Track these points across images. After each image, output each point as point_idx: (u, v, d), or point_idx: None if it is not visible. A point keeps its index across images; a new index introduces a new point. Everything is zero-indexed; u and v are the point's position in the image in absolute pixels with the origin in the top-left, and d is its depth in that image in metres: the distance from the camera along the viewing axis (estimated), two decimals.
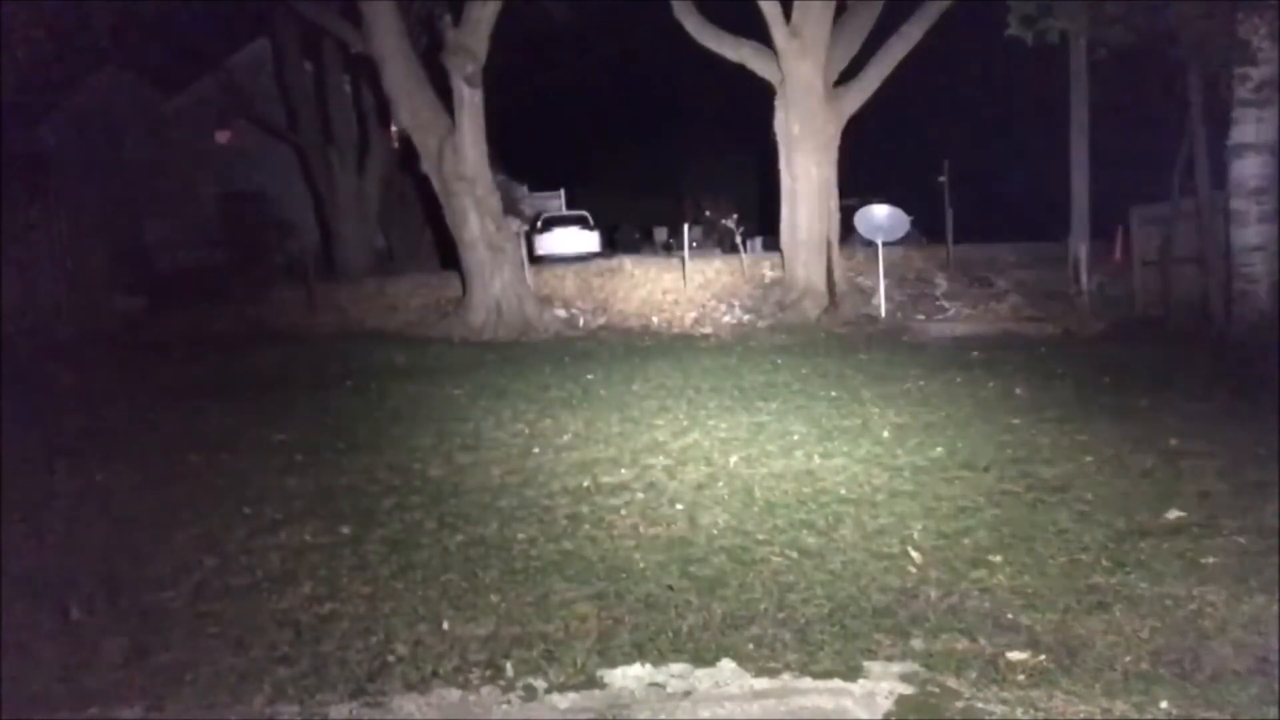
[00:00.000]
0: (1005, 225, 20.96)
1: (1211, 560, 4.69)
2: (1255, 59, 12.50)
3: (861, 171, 19.44)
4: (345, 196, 23.71)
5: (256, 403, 9.31)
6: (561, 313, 16.69)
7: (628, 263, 20.42)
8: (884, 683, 3.61)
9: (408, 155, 19.35)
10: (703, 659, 3.83)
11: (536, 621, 4.21)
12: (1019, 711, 3.38)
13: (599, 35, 25.94)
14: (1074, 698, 3.47)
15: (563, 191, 33.77)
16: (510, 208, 18.64)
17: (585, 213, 26.97)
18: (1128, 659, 3.75)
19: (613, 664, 3.81)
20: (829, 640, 3.95)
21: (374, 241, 25.12)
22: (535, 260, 20.44)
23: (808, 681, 3.64)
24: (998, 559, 4.79)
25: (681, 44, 18.87)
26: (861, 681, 3.63)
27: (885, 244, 17.09)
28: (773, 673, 3.71)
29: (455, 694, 3.63)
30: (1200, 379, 9.47)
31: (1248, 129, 12.73)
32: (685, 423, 8.03)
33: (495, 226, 15.75)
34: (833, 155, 17.84)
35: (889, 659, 3.79)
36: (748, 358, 12.10)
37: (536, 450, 7.29)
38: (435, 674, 3.77)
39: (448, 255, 18.80)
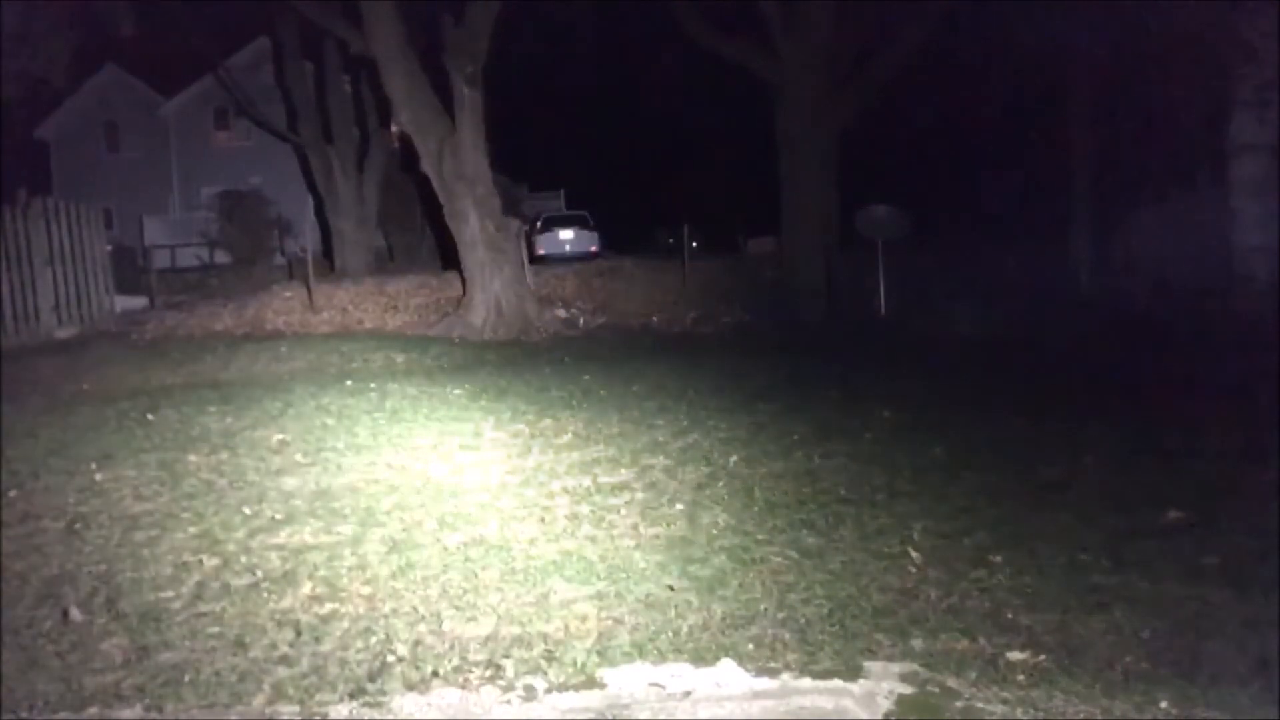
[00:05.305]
0: (1006, 225, 20.97)
1: (1211, 560, 4.68)
2: (1256, 59, 12.51)
3: (862, 171, 19.44)
4: (345, 196, 23.71)
5: (257, 403, 9.30)
6: (561, 313, 16.69)
7: (628, 263, 20.43)
8: (884, 683, 3.60)
9: (408, 155, 19.34)
10: (703, 659, 3.83)
11: (536, 621, 4.20)
12: (1019, 711, 3.38)
13: (600, 35, 25.95)
14: (1074, 698, 3.46)
15: (563, 191, 33.80)
16: (510, 208, 18.64)
17: (585, 213, 26.99)
18: (1128, 659, 3.74)
19: (613, 664, 3.80)
20: (829, 640, 3.94)
21: (374, 241, 25.11)
22: (535, 260, 20.44)
23: (808, 681, 3.64)
24: (998, 559, 4.79)
25: (682, 44, 18.89)
26: (861, 681, 3.62)
27: (885, 243, 17.08)
28: (773, 673, 3.71)
29: (455, 694, 3.63)
30: (1200, 379, 9.46)
31: (1248, 129, 12.74)
32: (685, 422, 8.03)
33: (495, 226, 15.74)
34: (833, 156, 17.85)
35: (889, 659, 3.79)
36: (748, 358, 12.09)
37: (536, 450, 7.28)
38: (435, 674, 3.76)
39: (448, 255, 18.81)
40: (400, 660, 3.88)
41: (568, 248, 25.01)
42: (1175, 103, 14.87)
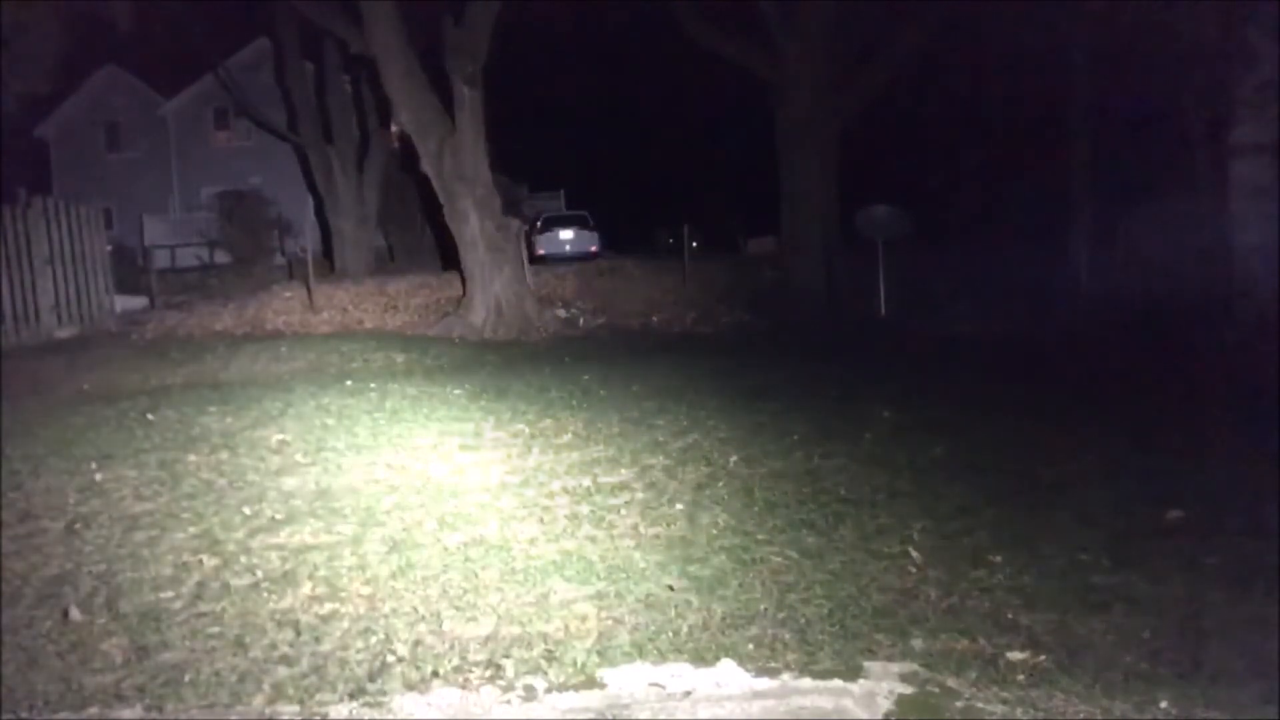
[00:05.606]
0: (1006, 225, 20.96)
1: (1211, 560, 4.68)
2: (1255, 59, 12.52)
3: (862, 171, 19.44)
4: (345, 196, 23.72)
5: (257, 403, 9.30)
6: (561, 312, 16.69)
7: (628, 263, 20.45)
8: (884, 683, 3.61)
9: (408, 155, 19.35)
10: (703, 659, 3.83)
11: (536, 621, 4.20)
12: (1019, 711, 3.38)
13: (600, 35, 25.95)
14: (1074, 698, 3.47)
15: (563, 192, 33.82)
16: (510, 208, 18.65)
17: (585, 213, 26.99)
18: (1128, 659, 3.75)
19: (613, 664, 3.81)
20: (829, 640, 3.94)
21: (374, 241, 25.12)
22: (535, 260, 20.45)
23: (808, 681, 3.64)
24: (998, 559, 4.79)
25: (683, 44, 18.89)
26: (861, 681, 3.62)
27: (885, 243, 17.07)
28: (773, 673, 3.71)
29: (455, 694, 3.63)
30: (1200, 379, 9.46)
31: (1248, 129, 12.74)
32: (685, 422, 8.03)
33: (495, 226, 15.74)
34: (833, 155, 17.86)
35: (889, 659, 3.79)
36: (748, 358, 12.09)
37: (536, 450, 7.28)
38: (435, 674, 3.76)
39: (448, 255, 18.81)
40: (400, 660, 3.88)
41: (568, 248, 25.01)
42: (1175, 103, 14.87)
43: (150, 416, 8.72)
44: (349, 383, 10.52)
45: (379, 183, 24.47)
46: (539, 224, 25.66)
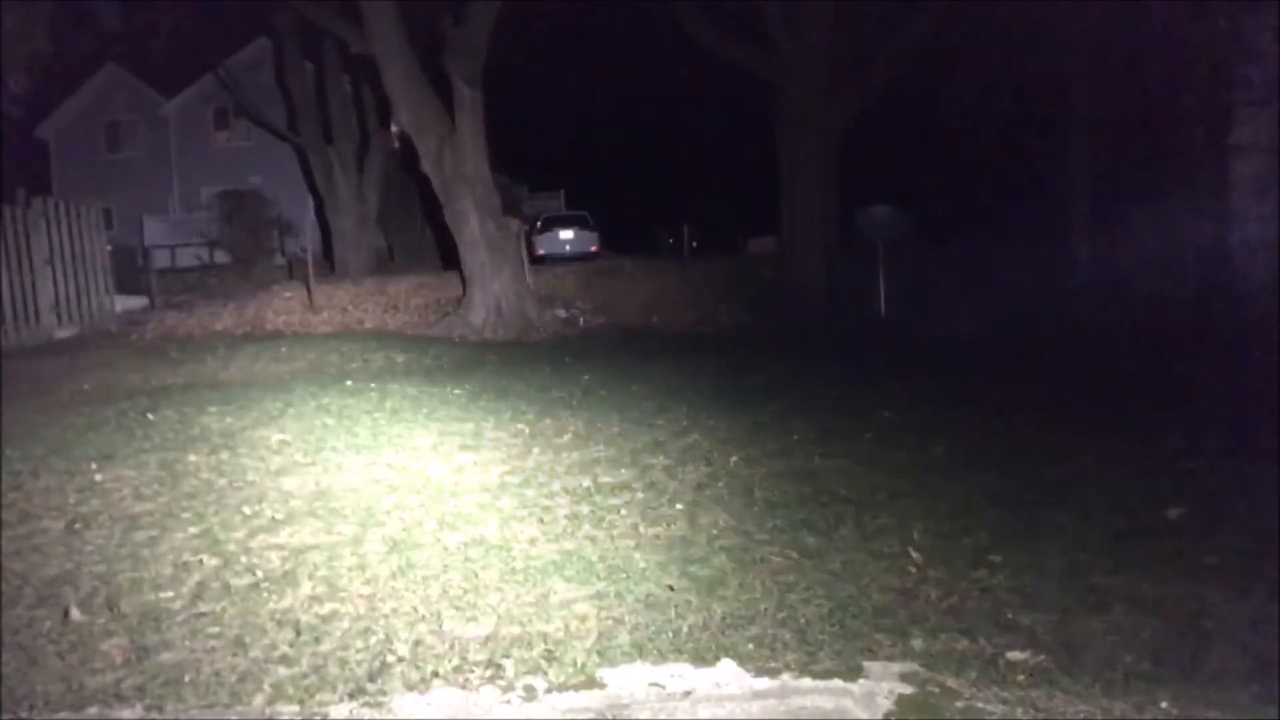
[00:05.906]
0: (1005, 225, 20.97)
1: (1211, 560, 4.68)
2: (1255, 59, 12.52)
3: (862, 172, 19.44)
4: (345, 196, 23.73)
5: (257, 403, 9.30)
6: (561, 312, 16.70)
7: (628, 263, 20.45)
8: (884, 683, 3.60)
9: (408, 155, 19.37)
10: (703, 659, 3.83)
11: (536, 621, 4.20)
12: (1019, 711, 3.38)
13: (600, 35, 25.95)
14: (1074, 698, 3.46)
15: (563, 192, 33.86)
16: (510, 208, 18.66)
17: (585, 213, 27.01)
18: (1128, 659, 3.74)
19: (613, 664, 3.80)
20: (829, 640, 3.94)
21: (374, 241, 25.13)
22: (535, 260, 20.46)
23: (808, 681, 3.64)
24: (998, 559, 4.79)
25: (683, 44, 18.90)
26: (861, 681, 3.62)
27: (885, 243, 17.07)
28: (773, 673, 3.71)
29: (455, 694, 3.63)
30: (1200, 379, 9.46)
31: (1248, 129, 12.75)
32: (685, 422, 8.03)
33: (495, 226, 15.76)
34: (834, 156, 17.86)
35: (889, 659, 3.78)
36: (748, 358, 12.09)
37: (536, 450, 7.28)
38: (435, 674, 3.76)
39: (448, 255, 18.83)
40: (400, 660, 3.88)
41: (568, 248, 25.03)
42: (1175, 102, 14.89)
43: (150, 416, 8.72)
44: (349, 383, 10.52)
45: (379, 183, 24.48)
46: (539, 224, 25.68)
